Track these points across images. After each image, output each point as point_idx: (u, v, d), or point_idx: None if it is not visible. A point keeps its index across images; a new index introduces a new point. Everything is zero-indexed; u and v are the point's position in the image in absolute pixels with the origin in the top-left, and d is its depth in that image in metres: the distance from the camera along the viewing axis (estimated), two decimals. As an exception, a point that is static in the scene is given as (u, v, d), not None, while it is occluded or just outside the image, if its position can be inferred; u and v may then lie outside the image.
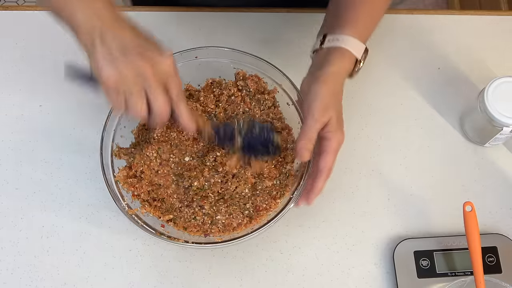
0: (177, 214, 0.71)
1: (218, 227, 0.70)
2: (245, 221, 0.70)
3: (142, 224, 0.68)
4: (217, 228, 0.70)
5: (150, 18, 0.90)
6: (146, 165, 0.70)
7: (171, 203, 0.71)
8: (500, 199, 0.79)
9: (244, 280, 0.75)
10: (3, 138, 0.83)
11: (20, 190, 0.80)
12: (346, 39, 0.66)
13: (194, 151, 0.73)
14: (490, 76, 0.85)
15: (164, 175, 0.71)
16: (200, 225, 0.70)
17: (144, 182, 0.70)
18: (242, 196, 0.71)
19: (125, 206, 0.68)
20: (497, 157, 0.82)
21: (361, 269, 0.76)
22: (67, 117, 0.84)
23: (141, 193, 0.70)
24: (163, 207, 0.71)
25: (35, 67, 0.88)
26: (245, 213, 0.70)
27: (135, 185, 0.70)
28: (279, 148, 0.72)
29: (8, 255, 0.76)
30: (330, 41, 0.68)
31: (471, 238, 0.70)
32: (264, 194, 0.71)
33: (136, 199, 0.70)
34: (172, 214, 0.70)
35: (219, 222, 0.70)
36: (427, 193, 0.80)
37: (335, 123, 0.66)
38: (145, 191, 0.70)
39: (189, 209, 0.70)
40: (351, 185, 0.80)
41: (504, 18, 0.91)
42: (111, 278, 0.75)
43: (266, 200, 0.71)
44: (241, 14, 0.90)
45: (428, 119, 0.84)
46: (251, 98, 0.76)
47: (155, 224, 0.69)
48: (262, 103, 0.75)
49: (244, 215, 0.70)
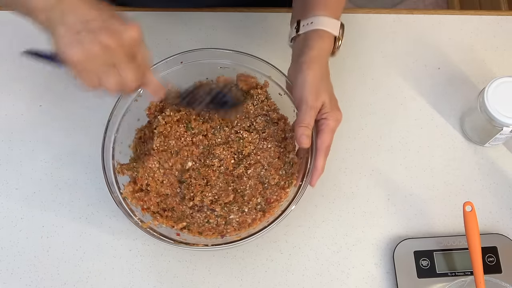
0: (189, 220, 0.70)
1: (233, 226, 0.70)
2: (259, 215, 0.70)
3: (159, 236, 0.67)
4: (232, 227, 0.69)
5: (149, 18, 0.90)
6: (150, 177, 0.70)
7: (181, 211, 0.71)
8: (500, 199, 0.79)
9: (244, 280, 0.75)
10: (3, 138, 0.83)
11: (20, 190, 0.80)
12: (320, 20, 0.67)
13: (195, 155, 0.73)
14: (490, 76, 0.85)
15: (170, 184, 0.71)
16: (215, 227, 0.70)
17: (152, 194, 0.70)
18: (251, 193, 0.71)
19: (138, 221, 0.68)
20: (497, 157, 0.82)
21: (361, 269, 0.76)
22: (67, 117, 0.84)
23: (150, 205, 0.70)
24: (175, 216, 0.70)
25: (35, 67, 0.88)
26: (257, 208, 0.71)
27: (144, 198, 0.69)
28: (237, 101, 0.73)
29: (8, 255, 0.76)
30: (305, 26, 0.69)
31: (471, 238, 0.70)
32: (272, 186, 0.72)
33: (146, 213, 0.70)
34: (185, 221, 0.70)
35: (233, 221, 0.70)
36: (427, 193, 0.80)
37: (329, 104, 0.67)
38: (154, 203, 0.70)
39: (201, 213, 0.70)
40: (351, 185, 0.80)
41: (504, 18, 0.91)
42: (111, 278, 0.75)
43: (276, 192, 0.71)
44: (241, 14, 0.90)
45: (428, 119, 0.84)
46: (244, 95, 0.77)
47: (170, 233, 0.69)
48: (255, 98, 0.76)
49: (256, 210, 0.70)
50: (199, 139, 0.74)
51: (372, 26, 0.90)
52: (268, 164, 0.73)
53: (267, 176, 0.72)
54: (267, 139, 0.74)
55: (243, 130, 0.74)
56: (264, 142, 0.74)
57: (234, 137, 0.74)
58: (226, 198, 0.70)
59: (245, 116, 0.75)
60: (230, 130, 0.74)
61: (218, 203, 0.70)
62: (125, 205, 0.68)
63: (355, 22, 0.90)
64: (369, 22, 0.90)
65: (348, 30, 0.89)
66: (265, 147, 0.74)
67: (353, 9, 0.93)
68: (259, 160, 0.73)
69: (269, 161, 0.73)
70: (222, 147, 0.73)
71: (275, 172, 0.72)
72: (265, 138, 0.74)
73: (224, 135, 0.74)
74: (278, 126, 0.75)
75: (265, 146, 0.74)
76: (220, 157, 0.73)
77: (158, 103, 0.75)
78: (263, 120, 0.75)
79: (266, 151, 0.73)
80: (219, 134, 0.74)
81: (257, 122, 0.75)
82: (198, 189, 0.71)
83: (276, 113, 0.75)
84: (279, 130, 0.75)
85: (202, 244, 0.67)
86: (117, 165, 0.71)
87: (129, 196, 0.69)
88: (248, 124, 0.75)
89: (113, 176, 0.70)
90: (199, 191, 0.70)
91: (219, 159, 0.73)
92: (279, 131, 0.74)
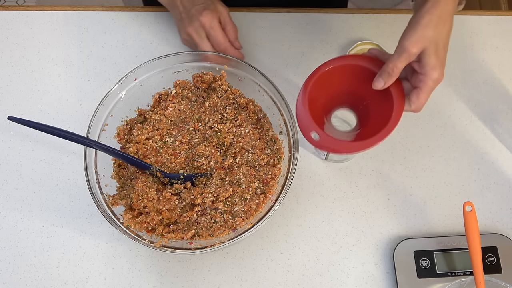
0: (196, 227, 0.70)
1: (241, 216, 0.70)
2: (261, 198, 0.71)
3: (174, 250, 0.67)
4: (240, 218, 0.70)
5: (150, 18, 0.90)
6: (144, 198, 0.70)
7: (185, 221, 0.71)
8: (500, 199, 0.79)
9: (244, 280, 0.75)
10: (3, 138, 0.83)
11: (20, 190, 0.80)
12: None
13: (181, 162, 0.74)
14: (490, 76, 0.85)
15: (166, 199, 0.71)
16: (223, 224, 0.70)
17: (152, 214, 0.69)
18: (247, 179, 0.72)
19: (149, 243, 0.67)
20: (497, 157, 0.82)
21: (361, 269, 0.76)
22: (67, 117, 0.84)
23: (154, 225, 0.69)
24: (180, 227, 0.70)
25: (35, 67, 0.88)
26: (257, 191, 0.71)
27: (145, 220, 0.69)
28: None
29: (8, 255, 0.76)
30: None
31: (471, 238, 0.70)
32: (264, 166, 0.73)
33: (151, 234, 0.69)
34: (193, 229, 0.70)
35: (239, 212, 0.70)
36: (427, 193, 0.80)
37: (433, 57, 0.60)
38: (157, 222, 0.69)
39: (205, 216, 0.70)
40: (351, 185, 0.80)
41: (504, 18, 0.91)
42: (111, 278, 0.75)
43: (269, 171, 0.72)
44: (241, 14, 0.90)
45: (428, 119, 0.84)
46: (205, 91, 0.78)
47: (183, 245, 0.68)
48: (218, 90, 0.77)
49: (257, 194, 0.71)
50: (177, 147, 0.75)
51: (372, 26, 0.90)
52: (252, 148, 0.74)
53: (255, 159, 0.73)
54: (242, 125, 0.75)
55: (217, 124, 0.75)
56: (241, 128, 0.75)
57: (211, 133, 0.75)
58: (226, 193, 0.70)
59: (214, 110, 0.76)
60: (204, 127, 0.75)
61: (219, 200, 0.70)
62: (130, 232, 0.68)
63: (355, 22, 0.90)
64: (369, 22, 0.90)
65: (348, 30, 0.89)
66: (243, 133, 0.74)
67: (353, 9, 0.93)
68: (242, 147, 0.74)
69: (252, 144, 0.74)
70: (203, 145, 0.74)
71: (261, 153, 0.73)
72: (240, 124, 0.75)
73: (200, 134, 0.75)
74: (248, 109, 0.76)
75: (243, 132, 0.75)
76: (205, 154, 0.74)
77: (126, 127, 0.76)
78: (232, 109, 0.76)
79: (246, 136, 0.74)
80: (195, 136, 0.75)
81: (227, 112, 0.75)
82: (198, 191, 0.71)
83: (242, 98, 0.77)
84: (251, 113, 0.76)
85: (219, 243, 0.67)
86: (108, 199, 0.71)
87: (131, 223, 0.68)
88: (220, 116, 0.76)
89: (108, 210, 0.70)
90: (199, 193, 0.70)
91: (205, 157, 0.73)
92: (251, 114, 0.76)
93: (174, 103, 0.77)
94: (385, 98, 0.65)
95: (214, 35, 0.80)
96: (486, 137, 0.83)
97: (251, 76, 0.76)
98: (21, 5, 1.98)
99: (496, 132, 0.83)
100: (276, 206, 0.68)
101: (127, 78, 0.75)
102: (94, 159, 0.72)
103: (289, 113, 0.72)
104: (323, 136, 0.65)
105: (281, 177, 0.72)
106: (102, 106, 0.73)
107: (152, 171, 0.72)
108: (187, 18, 0.81)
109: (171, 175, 0.72)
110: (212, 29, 0.79)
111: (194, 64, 0.78)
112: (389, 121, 0.64)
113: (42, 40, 0.89)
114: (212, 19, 0.79)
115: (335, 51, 0.88)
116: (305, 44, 0.88)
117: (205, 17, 0.79)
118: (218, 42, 0.80)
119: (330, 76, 0.68)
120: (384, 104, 0.66)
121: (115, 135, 0.75)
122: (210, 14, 0.79)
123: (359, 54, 0.70)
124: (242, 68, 0.76)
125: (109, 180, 0.73)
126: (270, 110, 0.76)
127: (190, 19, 0.81)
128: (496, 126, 0.83)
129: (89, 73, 0.87)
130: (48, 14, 0.91)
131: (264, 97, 0.76)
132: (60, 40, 0.89)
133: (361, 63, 0.67)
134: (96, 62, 0.88)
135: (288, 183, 0.69)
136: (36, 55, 0.88)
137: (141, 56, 0.88)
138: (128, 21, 0.90)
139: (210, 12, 0.79)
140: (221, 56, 0.77)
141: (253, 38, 0.89)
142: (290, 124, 0.73)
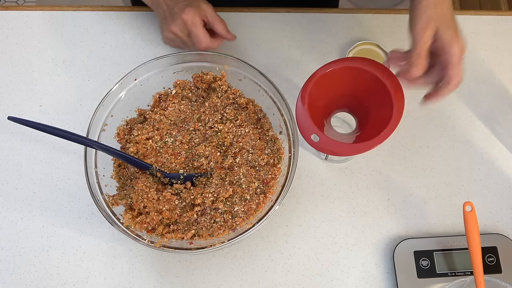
0: (196, 227, 0.70)
1: (241, 216, 0.70)
2: (261, 198, 0.71)
3: (174, 250, 0.67)
4: (240, 218, 0.70)
5: (150, 18, 0.90)
6: (144, 198, 0.70)
7: (185, 221, 0.71)
8: (500, 199, 0.79)
9: (244, 280, 0.75)
10: (3, 138, 0.83)
11: (20, 190, 0.80)
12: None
13: (181, 162, 0.74)
14: (490, 75, 0.85)
15: (166, 199, 0.71)
16: (223, 224, 0.70)
17: (152, 214, 0.69)
18: (247, 179, 0.72)
19: (149, 243, 0.67)
20: (497, 157, 0.82)
21: (361, 269, 0.76)
22: (67, 117, 0.84)
23: (154, 225, 0.69)
24: (180, 227, 0.70)
25: (35, 67, 0.88)
26: (257, 191, 0.71)
27: (145, 220, 0.69)
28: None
29: (8, 255, 0.76)
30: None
31: (471, 238, 0.70)
32: (263, 166, 0.73)
33: (151, 234, 0.70)
34: (193, 229, 0.70)
35: (239, 212, 0.70)
36: (427, 193, 0.80)
37: (447, 34, 0.64)
38: (157, 222, 0.70)
39: (205, 216, 0.70)
40: (351, 185, 0.80)
41: (504, 18, 0.91)
42: (111, 278, 0.75)
43: (269, 171, 0.72)
44: (241, 14, 0.90)
45: (428, 119, 0.84)
46: (205, 91, 0.78)
47: (183, 245, 0.69)
48: (218, 90, 0.77)
49: (257, 194, 0.71)
50: (177, 147, 0.74)
51: (372, 26, 0.90)
52: (252, 148, 0.74)
53: (255, 159, 0.73)
54: (242, 125, 0.75)
55: (217, 123, 0.75)
56: (241, 128, 0.75)
57: (211, 133, 0.75)
58: (226, 193, 0.70)
59: (214, 110, 0.76)
60: (204, 127, 0.75)
61: (219, 200, 0.70)
62: (130, 232, 0.68)
63: (355, 22, 0.90)
64: (369, 22, 0.90)
65: (348, 30, 0.89)
66: (243, 133, 0.74)
67: (353, 9, 0.93)
68: (242, 147, 0.74)
69: (252, 144, 0.74)
70: (203, 145, 0.74)
71: (261, 153, 0.73)
72: (240, 124, 0.75)
73: (200, 134, 0.75)
74: (248, 109, 0.76)
75: (243, 132, 0.74)
76: (205, 154, 0.74)
77: (126, 127, 0.76)
78: (232, 109, 0.76)
79: (246, 136, 0.74)
80: (195, 136, 0.75)
81: (227, 112, 0.75)
82: (198, 191, 0.71)
83: (242, 98, 0.77)
84: (251, 113, 0.76)
85: (219, 243, 0.67)
86: (108, 199, 0.71)
87: (131, 223, 0.69)
88: (220, 116, 0.76)
89: (108, 210, 0.70)
90: (199, 193, 0.70)
91: (205, 157, 0.73)
92: (251, 114, 0.76)
93: (174, 103, 0.77)
94: (384, 101, 0.66)
95: (196, 32, 0.78)
96: (486, 137, 0.83)
97: (251, 76, 0.76)
98: (21, 5, 1.99)
99: (496, 132, 0.83)
100: (276, 206, 0.68)
101: (127, 78, 0.75)
102: (94, 159, 0.72)
103: (289, 113, 0.72)
104: (323, 138, 0.65)
105: (281, 177, 0.72)
106: (102, 106, 0.73)
107: (152, 171, 0.72)
108: (170, 17, 0.80)
109: (171, 175, 0.72)
110: (194, 26, 0.78)
111: (194, 64, 0.78)
112: (389, 123, 0.65)
113: (42, 40, 0.89)
114: (194, 16, 0.78)
115: (335, 51, 0.88)
116: (305, 44, 0.88)
117: (187, 14, 0.77)
118: (200, 41, 0.79)
119: (330, 79, 0.68)
120: (383, 106, 0.66)
121: (115, 135, 0.75)
122: (193, 12, 0.78)
123: (359, 57, 0.70)
124: (242, 68, 0.76)
125: (109, 180, 0.73)
126: (270, 110, 0.76)
127: (172, 17, 0.80)
128: (496, 126, 0.83)
129: (89, 73, 0.87)
130: (48, 14, 0.91)
131: (264, 97, 0.76)
132: (60, 40, 0.89)
133: (361, 65, 0.67)
134: (96, 62, 0.88)
135: (288, 183, 0.69)
136: (36, 55, 0.88)
137: (141, 56, 0.88)
138: (128, 21, 0.90)
139: (193, 10, 0.78)
140: (207, 54, 0.77)
141: (253, 38, 0.89)
142: (290, 124, 0.73)
